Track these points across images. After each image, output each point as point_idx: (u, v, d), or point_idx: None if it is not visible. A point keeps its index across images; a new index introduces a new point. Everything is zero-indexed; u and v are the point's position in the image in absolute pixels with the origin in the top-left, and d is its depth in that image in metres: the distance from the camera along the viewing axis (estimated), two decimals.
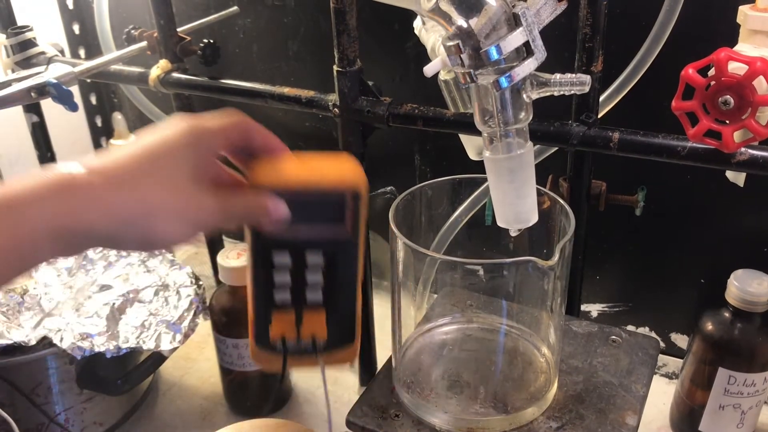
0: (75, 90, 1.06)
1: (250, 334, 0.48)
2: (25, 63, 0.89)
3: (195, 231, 0.41)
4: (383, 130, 0.70)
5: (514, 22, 0.44)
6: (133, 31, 0.88)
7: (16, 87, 0.74)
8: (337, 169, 0.44)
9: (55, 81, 0.74)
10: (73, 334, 0.69)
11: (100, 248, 0.84)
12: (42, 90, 0.74)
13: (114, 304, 0.75)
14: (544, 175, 0.67)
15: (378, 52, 0.87)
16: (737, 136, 0.53)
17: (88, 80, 0.98)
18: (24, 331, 0.70)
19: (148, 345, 0.72)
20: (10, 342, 0.68)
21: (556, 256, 0.51)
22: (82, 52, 1.11)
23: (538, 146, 0.68)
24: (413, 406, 0.58)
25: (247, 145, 0.43)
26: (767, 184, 0.61)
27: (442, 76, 0.64)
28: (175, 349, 0.73)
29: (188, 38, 0.84)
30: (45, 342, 0.69)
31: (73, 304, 0.76)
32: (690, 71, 0.53)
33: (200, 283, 0.81)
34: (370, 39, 0.75)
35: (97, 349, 0.69)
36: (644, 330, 0.87)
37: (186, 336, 0.75)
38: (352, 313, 0.48)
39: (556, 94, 0.47)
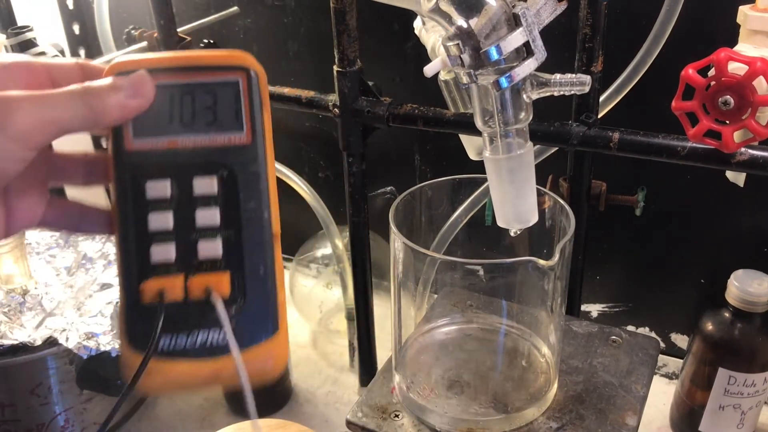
0: None
1: (120, 319, 0.35)
2: None
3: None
4: (383, 130, 0.70)
5: (514, 22, 0.44)
6: (133, 32, 0.88)
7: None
8: (217, 54, 0.36)
9: None
10: (78, 334, 0.69)
11: (100, 248, 0.84)
12: None
13: (117, 302, 0.75)
14: (544, 176, 0.67)
15: (378, 53, 0.87)
16: (737, 136, 0.53)
17: None
18: (26, 331, 0.70)
19: None
20: (14, 342, 0.68)
21: (556, 256, 0.51)
22: (82, 53, 1.11)
23: (538, 146, 0.68)
24: (413, 406, 0.58)
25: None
26: (767, 184, 0.61)
27: (442, 76, 0.64)
28: None
29: (188, 38, 0.84)
30: (49, 342, 0.69)
31: (75, 304, 0.76)
32: (690, 71, 0.53)
33: None
34: (370, 39, 0.75)
35: (102, 348, 0.69)
36: (644, 330, 0.87)
37: None
38: (268, 276, 0.35)
39: (556, 94, 0.47)
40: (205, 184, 0.35)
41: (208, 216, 0.35)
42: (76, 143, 0.39)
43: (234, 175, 0.35)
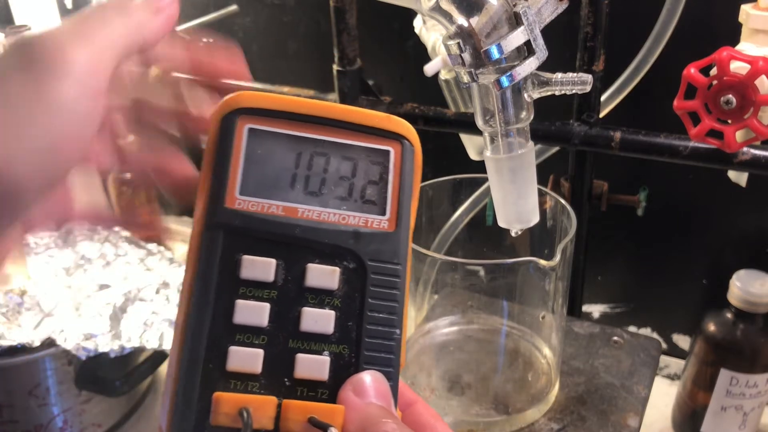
0: None
1: (165, 423, 0.26)
2: None
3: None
4: None
5: (515, 21, 0.44)
6: None
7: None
8: (368, 113, 0.28)
9: None
10: (77, 335, 0.69)
11: (98, 247, 0.84)
12: None
13: (116, 303, 0.75)
14: (545, 175, 0.67)
15: (378, 52, 0.86)
16: (739, 135, 0.53)
17: None
18: (25, 332, 0.70)
19: (152, 344, 0.72)
20: (12, 343, 0.68)
21: (557, 257, 0.51)
22: None
23: (539, 146, 0.68)
24: None
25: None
26: None
27: (443, 75, 0.64)
28: None
29: (188, 37, 0.83)
30: (47, 342, 0.69)
31: (73, 304, 0.75)
32: (692, 71, 0.53)
33: None
34: (370, 38, 0.75)
35: (101, 349, 0.69)
36: (646, 331, 0.87)
37: None
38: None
39: (557, 93, 0.47)
40: (323, 275, 0.27)
41: (319, 319, 0.26)
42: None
43: (363, 270, 0.27)
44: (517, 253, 0.62)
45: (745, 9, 0.56)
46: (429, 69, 0.63)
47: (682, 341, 0.85)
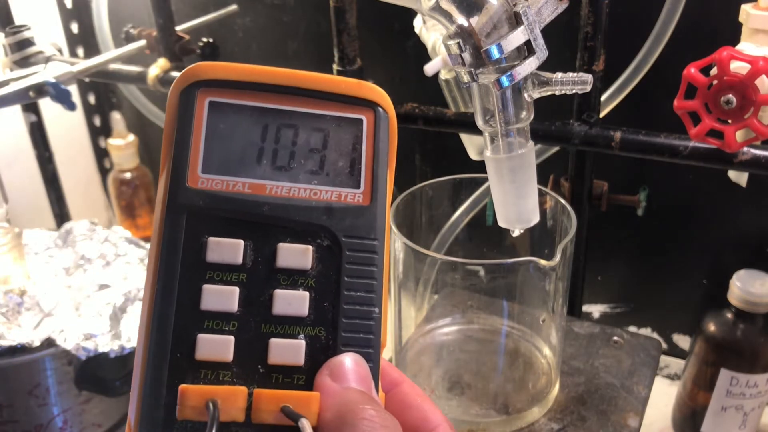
0: (73, 89, 1.05)
1: (134, 417, 0.24)
2: (23, 62, 0.89)
3: None
4: None
5: (515, 20, 0.43)
6: (131, 30, 0.88)
7: (14, 86, 0.73)
8: (337, 80, 0.27)
9: (53, 80, 0.73)
10: (77, 335, 0.69)
11: (98, 247, 0.83)
12: (40, 89, 0.73)
13: (115, 303, 0.75)
14: (545, 175, 0.67)
15: (378, 51, 0.86)
16: (739, 135, 0.53)
17: (87, 79, 0.98)
18: (25, 332, 0.70)
19: None
20: (12, 343, 0.68)
21: (557, 257, 0.51)
22: (80, 52, 1.11)
23: (539, 146, 0.68)
24: None
25: None
26: None
27: (443, 75, 0.64)
28: None
29: (187, 37, 0.83)
30: (47, 342, 0.69)
31: (73, 304, 0.75)
32: (692, 70, 0.53)
33: None
34: (370, 38, 0.75)
35: (101, 350, 0.69)
36: (646, 331, 0.87)
37: None
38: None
39: (557, 93, 0.47)
40: (295, 255, 0.25)
41: (292, 301, 0.25)
42: (74, 142, 0.36)
43: (338, 248, 0.25)
44: (517, 253, 0.62)
45: (746, 9, 0.56)
46: (429, 69, 0.63)
47: (683, 341, 0.85)
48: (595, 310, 0.89)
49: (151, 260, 0.25)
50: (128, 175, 1.07)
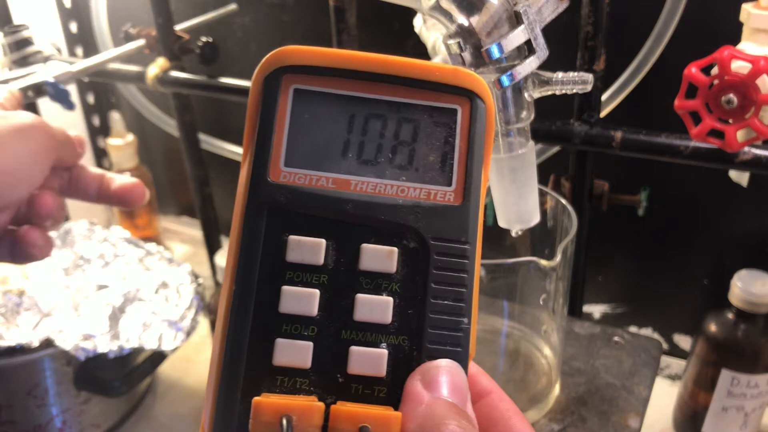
0: (72, 89, 1.05)
1: (207, 422, 0.23)
2: (22, 62, 0.89)
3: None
4: None
5: (515, 20, 0.43)
6: (131, 30, 0.87)
7: (12, 86, 0.73)
8: (432, 66, 0.25)
9: (52, 80, 0.73)
10: (76, 335, 0.69)
11: (97, 248, 0.83)
12: (39, 89, 0.73)
13: (114, 303, 0.75)
14: (546, 175, 0.67)
15: (378, 51, 0.86)
16: (740, 135, 0.53)
17: (86, 79, 0.98)
18: (23, 333, 0.70)
19: (150, 344, 0.72)
20: (11, 343, 0.67)
21: (558, 257, 0.51)
22: (79, 51, 1.11)
23: (539, 146, 0.68)
24: None
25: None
26: None
27: None
28: (177, 348, 0.73)
29: (187, 36, 0.83)
30: (46, 343, 0.68)
31: (72, 305, 0.75)
32: (693, 70, 0.53)
33: (200, 281, 0.81)
34: (369, 37, 0.75)
35: (100, 350, 0.69)
36: (647, 331, 0.87)
37: (188, 334, 0.75)
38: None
39: (558, 92, 0.47)
40: (379, 257, 0.23)
41: (375, 307, 0.23)
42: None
43: (425, 251, 0.23)
44: (518, 253, 0.61)
45: (747, 8, 0.56)
46: None
47: (683, 341, 0.85)
48: (596, 310, 0.89)
49: (229, 259, 0.24)
50: (127, 175, 1.07)
